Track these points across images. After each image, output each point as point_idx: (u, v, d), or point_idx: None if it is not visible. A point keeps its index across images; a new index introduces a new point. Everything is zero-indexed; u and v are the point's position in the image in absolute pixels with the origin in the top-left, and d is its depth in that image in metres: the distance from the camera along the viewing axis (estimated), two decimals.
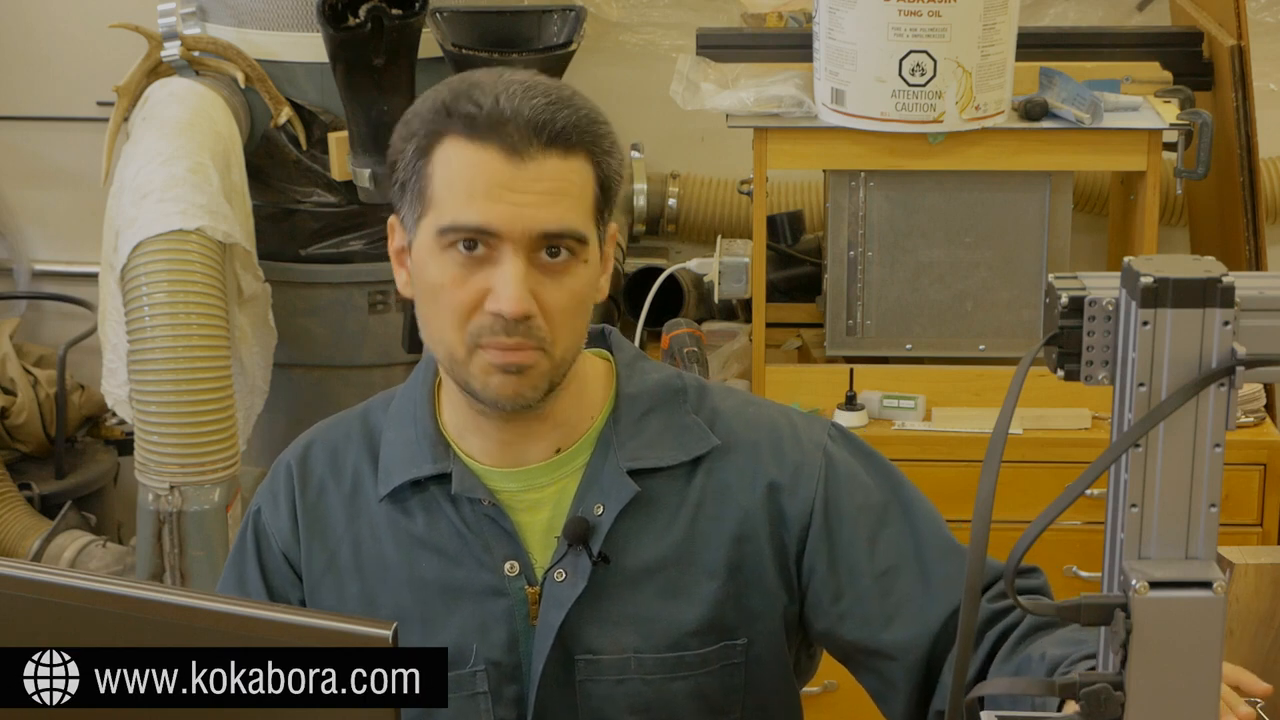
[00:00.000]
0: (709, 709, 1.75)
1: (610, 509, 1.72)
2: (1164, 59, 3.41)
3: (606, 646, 1.72)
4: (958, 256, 3.25)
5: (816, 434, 1.79)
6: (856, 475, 1.77)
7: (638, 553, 1.73)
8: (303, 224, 3.63)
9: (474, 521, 1.74)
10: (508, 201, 1.62)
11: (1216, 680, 1.23)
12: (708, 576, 1.74)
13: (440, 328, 1.67)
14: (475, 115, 1.63)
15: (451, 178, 1.64)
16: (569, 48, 3.45)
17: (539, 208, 1.62)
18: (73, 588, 1.37)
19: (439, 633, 1.74)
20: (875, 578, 1.73)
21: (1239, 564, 1.91)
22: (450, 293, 1.65)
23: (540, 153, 1.62)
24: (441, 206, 1.65)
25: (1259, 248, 3.38)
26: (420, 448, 1.76)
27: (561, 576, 1.71)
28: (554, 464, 1.75)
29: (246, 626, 1.33)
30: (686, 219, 3.94)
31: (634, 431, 1.75)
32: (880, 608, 1.73)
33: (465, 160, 1.63)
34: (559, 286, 1.65)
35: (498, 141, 1.62)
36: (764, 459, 1.76)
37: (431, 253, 1.66)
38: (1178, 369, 1.20)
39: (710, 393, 1.80)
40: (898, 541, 1.75)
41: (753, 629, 1.75)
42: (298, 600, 1.81)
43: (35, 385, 3.90)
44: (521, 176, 1.62)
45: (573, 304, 1.66)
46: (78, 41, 4.00)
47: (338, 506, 1.80)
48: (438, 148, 1.65)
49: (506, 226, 1.62)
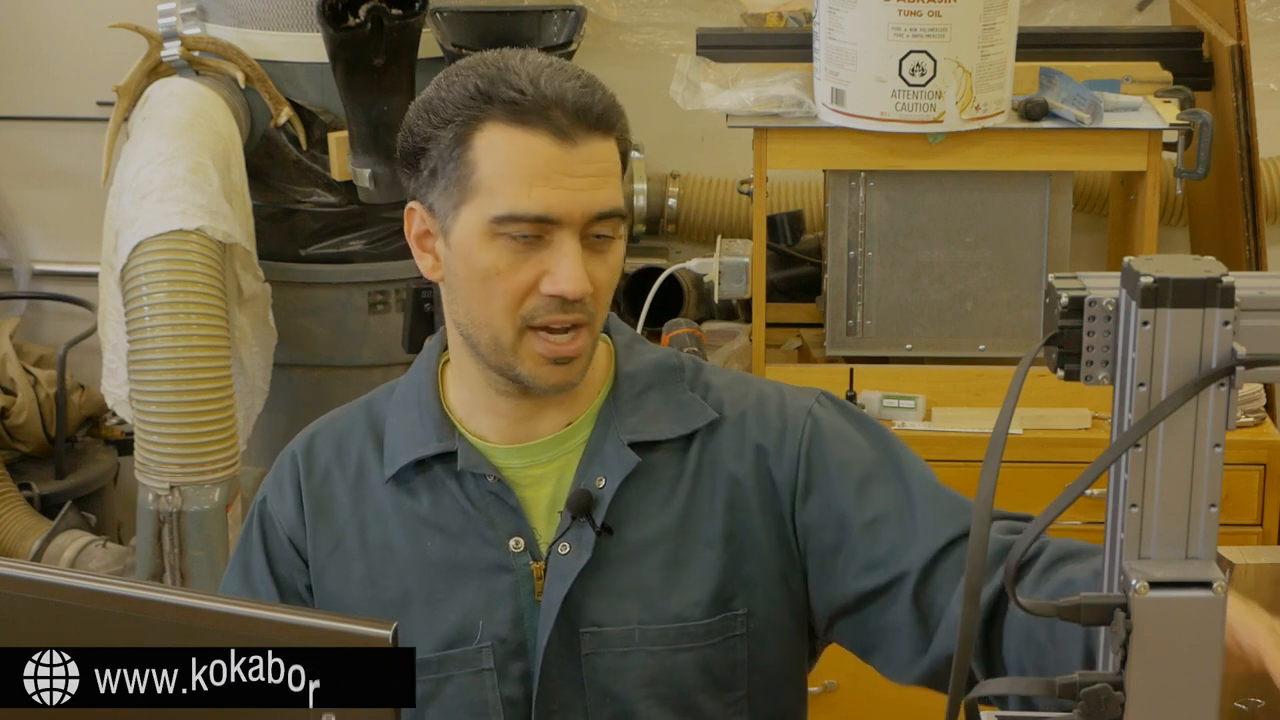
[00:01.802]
0: (715, 683, 1.76)
1: (612, 481, 1.74)
2: (1164, 59, 3.41)
3: (610, 619, 1.73)
4: (958, 256, 3.25)
5: (804, 400, 1.80)
6: (844, 434, 1.78)
7: (639, 525, 1.74)
8: (303, 224, 3.63)
9: (479, 498, 1.75)
10: (565, 187, 1.64)
11: (1217, 680, 1.23)
12: (706, 546, 1.75)
13: (490, 312, 1.69)
14: (520, 100, 1.64)
15: (502, 165, 1.65)
16: (569, 48, 3.46)
17: (592, 190, 1.65)
18: (73, 588, 1.37)
19: (444, 611, 1.75)
20: (864, 527, 1.73)
21: (1239, 564, 1.91)
22: (505, 278, 1.66)
23: (585, 136, 1.65)
24: (493, 195, 1.65)
25: (1259, 248, 3.38)
26: (425, 428, 1.78)
27: (566, 549, 1.73)
28: (557, 440, 1.77)
29: (246, 626, 1.33)
30: (686, 219, 3.94)
31: (634, 407, 1.77)
32: (870, 554, 1.72)
33: (516, 147, 1.65)
34: (604, 264, 1.69)
35: (546, 126, 1.64)
36: (751, 427, 1.77)
37: (482, 239, 1.67)
38: (1178, 369, 1.20)
39: (704, 369, 1.83)
40: (887, 493, 1.74)
41: (752, 599, 1.76)
42: (304, 586, 1.82)
43: (35, 385, 3.90)
44: (573, 160, 1.65)
45: (613, 279, 1.71)
46: (78, 41, 4.00)
47: (343, 492, 1.81)
48: (478, 134, 1.66)
49: (565, 211, 1.64)
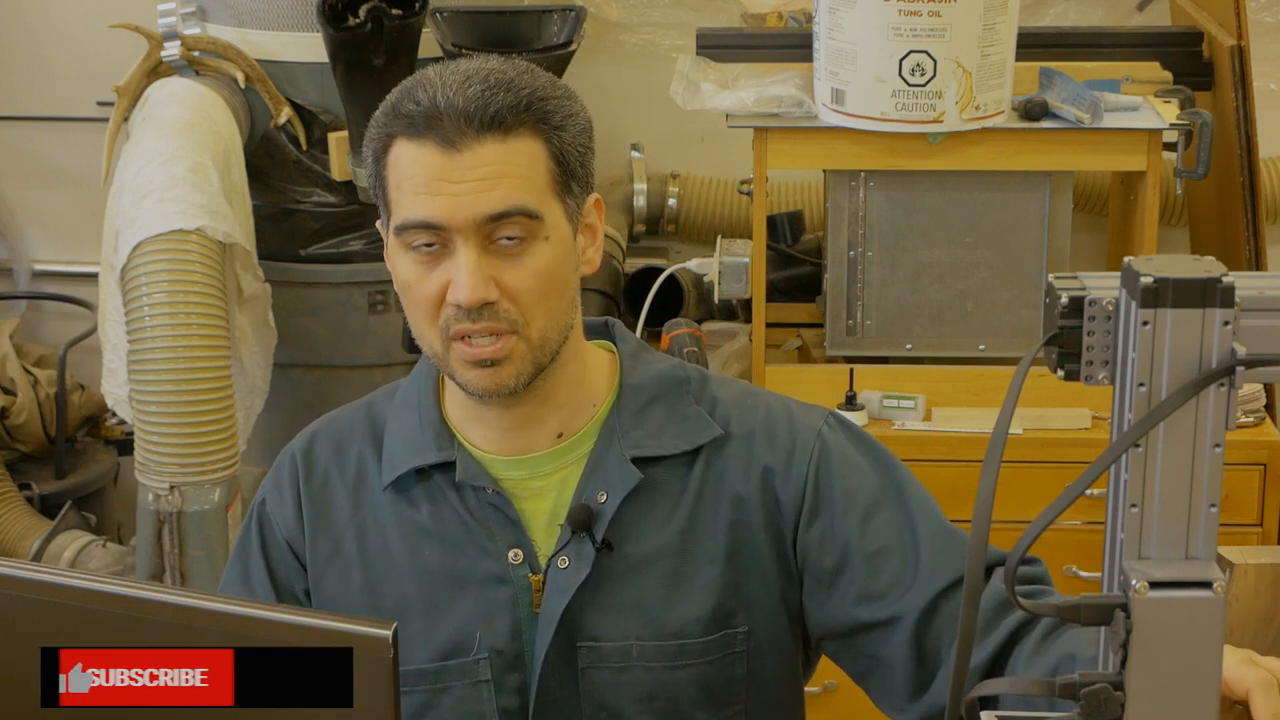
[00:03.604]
0: (712, 700, 1.75)
1: (614, 496, 1.73)
2: (1164, 59, 3.41)
3: (608, 634, 1.73)
4: (958, 256, 3.24)
5: (813, 420, 1.79)
6: (851, 459, 1.77)
7: (640, 540, 1.74)
8: (303, 224, 3.63)
9: (478, 509, 1.75)
10: (446, 193, 1.64)
11: (1217, 680, 1.23)
12: (708, 564, 1.74)
13: (417, 324, 1.71)
14: (414, 114, 1.66)
15: (399, 179, 1.67)
16: (569, 48, 3.45)
17: (478, 193, 1.64)
18: (73, 588, 1.37)
19: (442, 621, 1.75)
20: (867, 557, 1.73)
21: (1239, 564, 1.91)
22: (416, 290, 1.68)
23: (475, 140, 1.64)
24: (396, 208, 1.68)
25: (1259, 248, 3.38)
26: (424, 436, 1.77)
27: (565, 563, 1.72)
28: (557, 452, 1.76)
29: (246, 626, 1.33)
30: (686, 219, 3.94)
31: (637, 420, 1.76)
32: (870, 586, 1.72)
33: (407, 159, 1.66)
34: (520, 267, 1.66)
35: (433, 135, 1.65)
36: (759, 446, 1.77)
37: (397, 253, 1.70)
38: (1178, 369, 1.20)
39: (711, 382, 1.81)
40: (892, 524, 1.74)
41: (753, 617, 1.75)
42: (302, 590, 1.81)
43: (35, 385, 3.89)
44: (457, 166, 1.64)
45: (539, 283, 1.67)
46: (78, 41, 4.00)
47: (342, 496, 1.81)
48: (389, 151, 1.69)
49: (448, 217, 1.64)
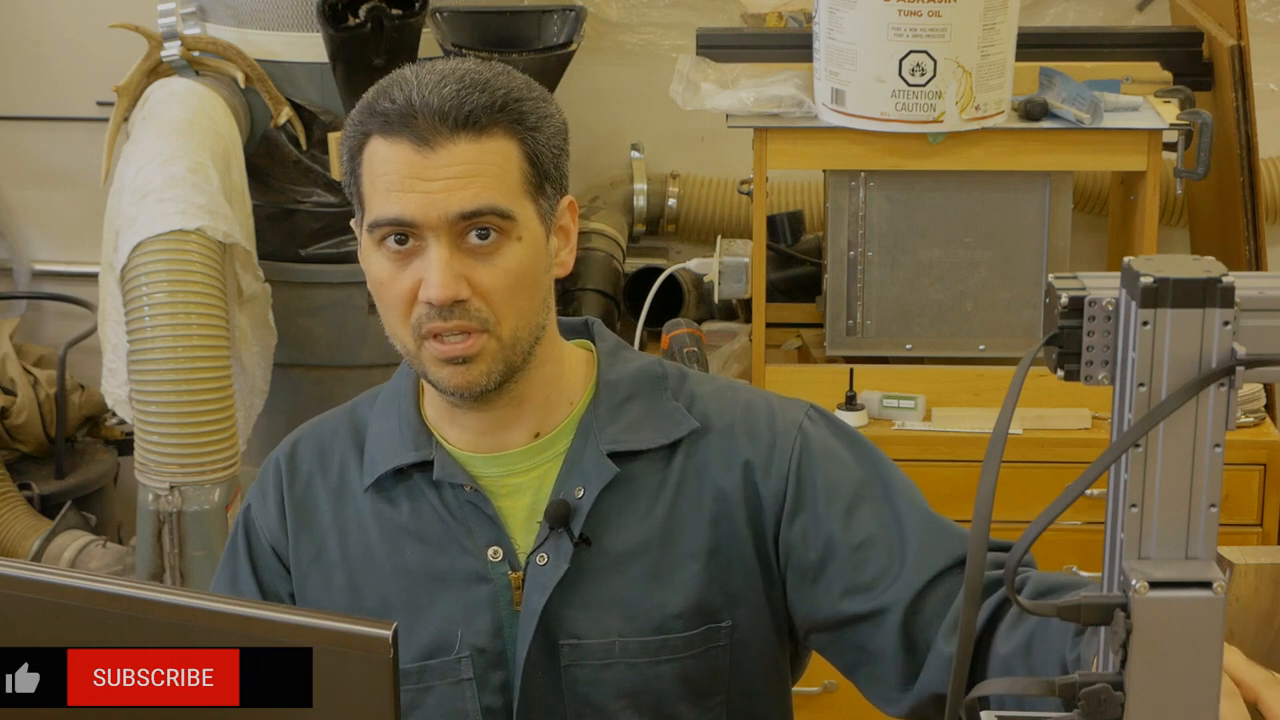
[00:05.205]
0: (693, 692, 1.75)
1: (590, 491, 1.73)
2: (1164, 59, 3.41)
3: (590, 631, 1.73)
4: (958, 256, 3.25)
5: (793, 414, 1.79)
6: (833, 452, 1.77)
7: (620, 536, 1.74)
8: (303, 224, 3.63)
9: (456, 508, 1.75)
10: (419, 190, 1.65)
11: (1216, 680, 1.23)
12: (690, 558, 1.74)
13: (390, 323, 1.72)
14: (389, 112, 1.66)
15: (373, 177, 1.68)
16: (569, 48, 3.46)
17: (450, 191, 1.65)
18: (73, 588, 1.37)
19: (424, 620, 1.75)
20: (852, 550, 1.72)
21: (1239, 564, 1.91)
22: (388, 288, 1.69)
23: (449, 139, 1.65)
24: (369, 206, 1.69)
25: (1259, 248, 3.38)
26: (403, 437, 1.78)
27: (544, 560, 1.72)
28: (534, 449, 1.76)
29: (246, 626, 1.33)
30: (686, 219, 3.94)
31: (614, 416, 1.76)
32: (857, 578, 1.71)
33: (381, 157, 1.67)
34: (491, 267, 1.67)
35: (408, 135, 1.65)
36: (739, 440, 1.76)
37: (370, 251, 1.71)
38: (1178, 369, 1.20)
39: (690, 378, 1.81)
40: (876, 516, 1.73)
41: (736, 611, 1.75)
42: (287, 594, 1.82)
43: (35, 385, 3.89)
44: (431, 164, 1.65)
45: (510, 282, 1.68)
46: (78, 41, 4.00)
47: (324, 499, 1.82)
48: (364, 149, 1.69)
49: (421, 215, 1.65)
